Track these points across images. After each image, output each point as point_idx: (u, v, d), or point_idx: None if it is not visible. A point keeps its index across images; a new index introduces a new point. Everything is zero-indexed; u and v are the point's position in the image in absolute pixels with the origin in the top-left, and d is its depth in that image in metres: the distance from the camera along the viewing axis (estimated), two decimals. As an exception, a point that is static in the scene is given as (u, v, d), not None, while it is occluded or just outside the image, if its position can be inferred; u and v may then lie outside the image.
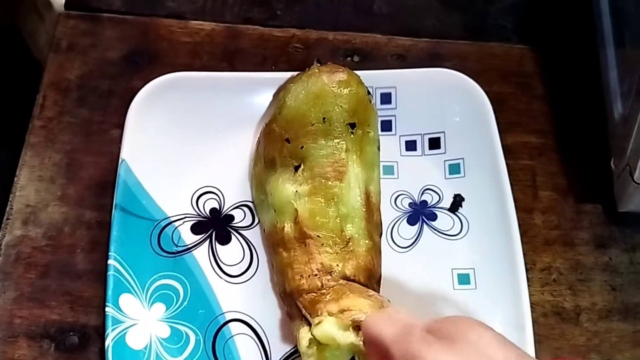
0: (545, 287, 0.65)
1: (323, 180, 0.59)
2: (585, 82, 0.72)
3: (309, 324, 0.54)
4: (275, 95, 0.66)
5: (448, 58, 0.74)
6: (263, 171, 0.62)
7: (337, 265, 0.57)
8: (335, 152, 0.60)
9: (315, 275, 0.56)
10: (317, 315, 0.53)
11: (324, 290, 0.56)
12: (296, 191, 0.59)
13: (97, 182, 0.66)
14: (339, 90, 0.60)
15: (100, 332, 0.57)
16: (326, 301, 0.54)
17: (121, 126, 0.66)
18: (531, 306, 0.62)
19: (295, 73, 0.64)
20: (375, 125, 0.63)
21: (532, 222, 0.67)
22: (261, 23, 0.75)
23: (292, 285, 0.57)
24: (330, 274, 0.56)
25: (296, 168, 0.60)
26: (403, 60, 0.73)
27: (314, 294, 0.56)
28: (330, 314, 0.53)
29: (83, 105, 0.69)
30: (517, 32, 0.77)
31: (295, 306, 0.57)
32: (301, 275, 0.57)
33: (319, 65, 0.62)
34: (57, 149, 0.67)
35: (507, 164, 0.68)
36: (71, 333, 0.60)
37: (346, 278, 0.56)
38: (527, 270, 0.62)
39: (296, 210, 0.58)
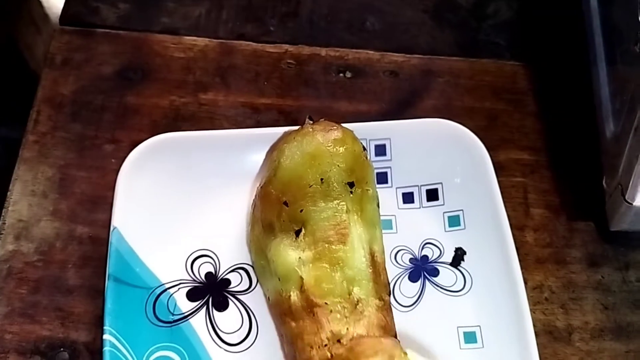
0: (537, 305, 0.64)
1: (326, 245, 0.57)
2: (578, 99, 0.72)
3: None
4: (269, 154, 0.64)
5: (440, 74, 0.73)
6: (262, 236, 0.60)
7: (348, 329, 0.55)
8: (336, 213, 0.57)
9: (325, 345, 0.54)
10: None
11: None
12: (299, 257, 0.57)
13: (90, 197, 0.65)
14: (334, 149, 0.57)
15: (91, 349, 0.57)
16: None
17: (114, 141, 0.66)
18: (524, 325, 0.62)
19: (288, 128, 0.63)
20: (373, 181, 0.61)
21: (524, 239, 0.66)
22: (254, 39, 0.75)
23: (302, 357, 0.55)
24: (340, 341, 0.54)
25: (297, 233, 0.57)
26: (395, 77, 0.73)
27: None
28: None
29: (76, 120, 0.69)
30: (510, 48, 0.76)
31: None
32: (311, 347, 0.55)
33: (312, 122, 0.60)
34: (50, 163, 0.67)
35: (499, 181, 0.67)
36: (61, 349, 0.59)
37: (359, 337, 0.55)
38: None
39: (301, 278, 0.56)
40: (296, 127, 0.61)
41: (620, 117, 0.62)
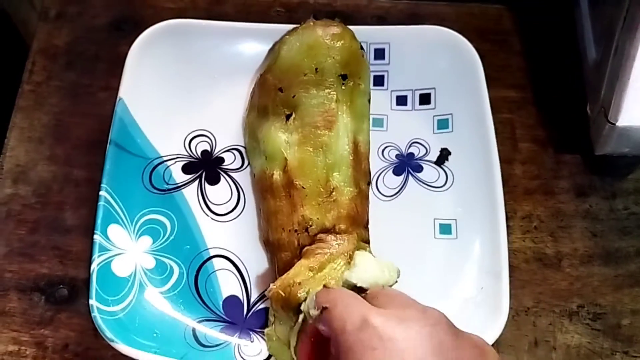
0: (526, 234, 0.64)
1: (313, 129, 0.59)
2: (561, 37, 0.72)
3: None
4: (272, 47, 0.66)
5: (427, 19, 0.73)
6: (256, 119, 0.62)
7: (317, 218, 0.57)
8: (325, 102, 0.60)
9: (295, 231, 0.57)
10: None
11: (297, 252, 0.57)
12: (287, 140, 0.59)
13: (85, 142, 0.66)
14: (332, 42, 0.60)
15: (89, 285, 0.57)
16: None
17: (108, 89, 0.67)
18: (512, 253, 0.63)
19: (292, 26, 0.64)
20: (366, 78, 0.63)
21: (513, 172, 0.66)
22: (244, -12, 0.75)
23: (274, 237, 0.58)
24: (307, 230, 0.57)
25: (287, 117, 0.60)
26: (383, 22, 0.73)
27: (289, 255, 0.57)
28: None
29: (71, 69, 0.69)
30: (494, -8, 0.76)
31: (273, 261, 0.59)
32: (283, 228, 0.58)
33: (315, 20, 0.62)
34: (45, 111, 0.67)
35: None
36: (61, 286, 0.60)
37: (325, 229, 0.57)
38: (508, 218, 0.62)
39: (286, 159, 0.59)
40: (301, 25, 0.63)
41: (601, 42, 0.62)
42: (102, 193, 0.59)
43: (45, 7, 0.72)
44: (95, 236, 0.57)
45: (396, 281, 0.54)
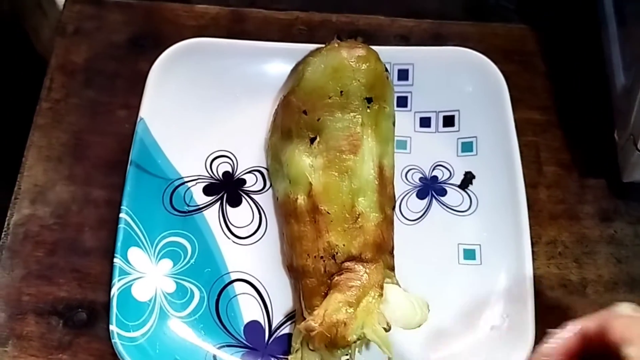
0: (551, 260, 0.63)
1: (337, 153, 0.58)
2: (586, 58, 0.71)
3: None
4: (295, 68, 0.65)
5: (450, 38, 0.72)
6: (279, 141, 0.61)
7: (344, 245, 0.56)
8: (350, 125, 0.59)
9: (322, 257, 0.56)
10: (310, 311, 0.54)
11: (323, 279, 0.55)
12: (311, 164, 0.58)
13: (104, 161, 0.64)
14: (357, 65, 0.59)
15: (109, 309, 0.55)
16: (320, 299, 0.55)
17: (128, 107, 0.66)
18: (537, 279, 0.61)
19: (315, 46, 0.64)
20: (391, 101, 0.62)
21: (537, 196, 0.65)
22: (265, 6, 0.73)
23: (298, 262, 0.57)
24: (334, 258, 0.56)
25: (312, 140, 0.59)
26: (406, 42, 0.72)
27: (315, 281, 0.56)
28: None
29: (89, 87, 0.68)
30: (519, 11, 0.75)
31: (297, 287, 0.57)
32: (308, 254, 0.56)
33: (339, 41, 0.61)
34: (64, 129, 0.66)
35: None
36: (79, 309, 0.59)
37: (351, 257, 0.56)
38: (532, 244, 0.61)
39: (310, 183, 0.57)
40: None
41: (631, 69, 0.61)
42: (122, 215, 0.58)
43: (63, 23, 0.71)
44: (115, 260, 0.56)
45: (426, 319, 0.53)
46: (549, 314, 0.60)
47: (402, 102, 0.67)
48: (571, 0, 0.74)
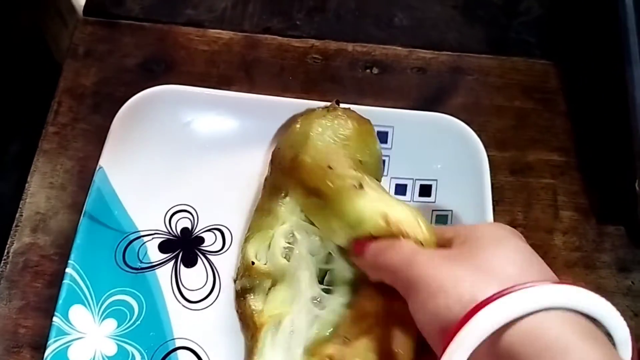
0: (565, 311, 0.60)
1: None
2: (610, 100, 0.67)
3: None
4: (285, 129, 0.61)
5: (470, 72, 0.69)
6: (307, 200, 0.56)
7: None
8: None
9: None
10: None
11: None
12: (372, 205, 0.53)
13: (109, 190, 0.62)
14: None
15: (107, 345, 0.53)
16: None
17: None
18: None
19: (289, 100, 0.62)
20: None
21: (553, 242, 0.62)
22: (280, 33, 0.71)
23: None
24: None
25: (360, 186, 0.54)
26: (423, 73, 0.69)
27: None
28: None
29: (97, 112, 0.65)
30: (541, 46, 0.72)
31: None
32: None
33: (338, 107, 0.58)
34: (69, 155, 0.63)
35: (528, 182, 0.65)
36: (76, 345, 0.57)
37: None
38: None
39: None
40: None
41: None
42: (68, 270, 0.54)
43: (74, 44, 0.68)
44: (54, 318, 0.53)
45: None
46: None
47: (379, 165, 0.63)
48: (596, 37, 0.71)
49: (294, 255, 0.55)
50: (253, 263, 0.55)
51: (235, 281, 0.57)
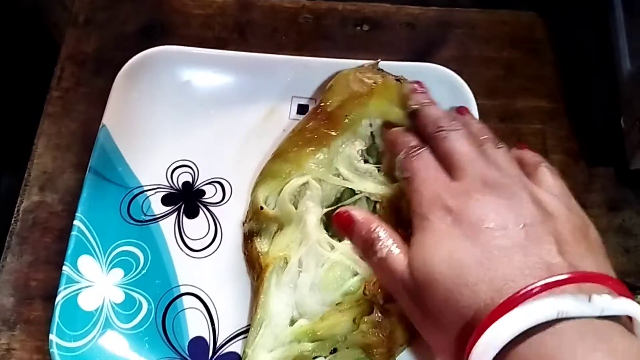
0: (556, 249, 0.61)
1: None
2: (595, 46, 0.68)
3: None
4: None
5: (458, 26, 0.70)
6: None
7: None
8: None
9: None
10: None
11: None
12: None
13: (112, 149, 0.64)
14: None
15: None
16: None
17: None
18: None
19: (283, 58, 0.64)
20: None
21: (543, 185, 0.63)
22: (272, -5, 0.72)
23: None
24: None
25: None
26: (412, 29, 0.70)
27: None
28: None
29: (98, 76, 0.67)
30: (527, -1, 0.73)
31: None
32: None
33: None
34: (73, 118, 0.65)
35: (518, 128, 0.66)
36: (85, 295, 0.58)
37: None
38: None
39: None
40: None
41: (637, 55, 0.59)
42: (76, 222, 0.56)
43: (75, 13, 0.70)
44: (64, 267, 0.55)
45: None
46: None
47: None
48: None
49: (302, 202, 0.56)
50: (262, 208, 0.56)
51: (243, 224, 0.59)
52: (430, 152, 0.49)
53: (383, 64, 0.61)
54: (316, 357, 0.52)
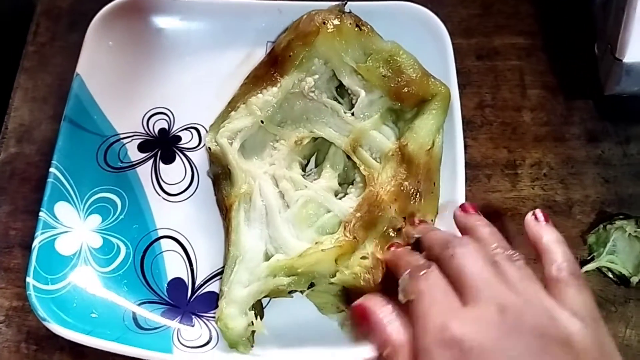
0: (535, 182, 0.60)
1: None
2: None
3: None
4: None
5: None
6: None
7: None
8: None
9: None
10: None
11: None
12: None
13: (89, 100, 0.64)
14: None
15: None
16: None
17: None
18: (521, 200, 0.60)
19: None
20: None
21: (521, 119, 0.63)
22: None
23: None
24: None
25: None
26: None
27: None
28: None
29: (73, 30, 0.67)
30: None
31: None
32: None
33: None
34: (49, 71, 0.65)
35: (495, 65, 0.65)
36: (64, 242, 0.58)
37: None
38: (516, 166, 0.60)
39: None
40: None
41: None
42: (52, 170, 0.56)
43: (49, -30, 0.70)
44: (40, 213, 0.54)
45: None
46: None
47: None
48: None
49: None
50: (209, 149, 0.56)
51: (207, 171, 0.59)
52: (439, 272, 0.43)
53: (358, 4, 0.60)
54: (292, 291, 0.52)
